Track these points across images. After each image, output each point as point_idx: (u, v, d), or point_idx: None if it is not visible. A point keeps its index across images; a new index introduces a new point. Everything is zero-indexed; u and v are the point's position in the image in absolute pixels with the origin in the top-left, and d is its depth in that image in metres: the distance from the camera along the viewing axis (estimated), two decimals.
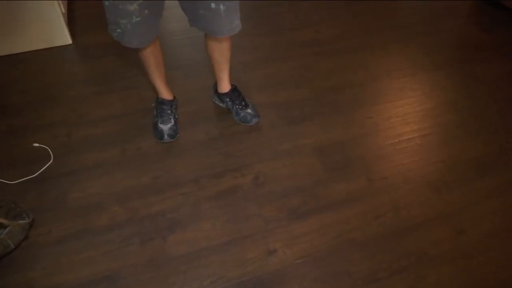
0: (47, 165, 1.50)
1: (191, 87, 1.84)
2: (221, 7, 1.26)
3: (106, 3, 1.22)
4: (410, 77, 1.96)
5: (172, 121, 1.61)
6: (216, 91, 1.71)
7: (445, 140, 1.67)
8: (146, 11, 1.24)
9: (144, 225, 1.35)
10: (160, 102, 1.62)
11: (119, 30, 1.28)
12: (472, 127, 1.72)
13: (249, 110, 1.67)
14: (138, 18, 1.23)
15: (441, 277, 1.26)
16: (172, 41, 2.11)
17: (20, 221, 1.27)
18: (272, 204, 1.42)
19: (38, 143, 1.57)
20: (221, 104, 1.74)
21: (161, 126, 1.59)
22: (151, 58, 1.45)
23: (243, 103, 1.67)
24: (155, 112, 1.64)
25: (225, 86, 1.66)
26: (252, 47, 2.07)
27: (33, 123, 1.67)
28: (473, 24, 2.35)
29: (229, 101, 1.67)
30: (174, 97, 1.66)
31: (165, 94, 1.62)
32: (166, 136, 1.58)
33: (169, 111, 1.61)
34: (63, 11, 2.03)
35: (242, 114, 1.66)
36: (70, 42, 2.06)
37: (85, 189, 1.44)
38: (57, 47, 2.04)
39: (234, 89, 1.68)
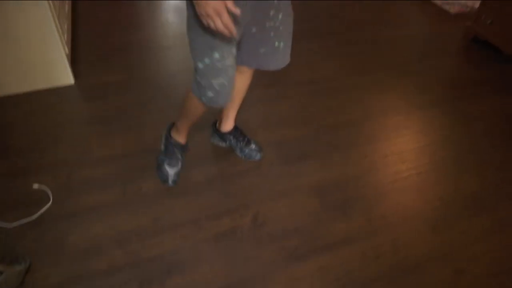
0: (46, 207, 1.50)
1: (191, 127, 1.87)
2: (281, 44, 1.30)
3: (200, 65, 1.15)
4: (404, 115, 2.00)
5: (180, 165, 1.61)
6: (216, 130, 1.74)
7: (442, 177, 1.69)
8: (234, 62, 1.20)
9: (143, 269, 1.33)
10: (174, 144, 1.60)
11: (211, 94, 1.21)
12: (468, 163, 1.75)
13: (252, 146, 1.71)
14: (233, 72, 1.20)
15: None
16: (177, 80, 2.16)
17: (16, 267, 1.26)
18: (271, 245, 1.42)
19: (38, 184, 1.58)
20: (221, 144, 1.76)
21: (167, 168, 1.59)
22: (201, 110, 1.40)
23: (246, 139, 1.71)
24: (163, 151, 1.63)
25: (230, 125, 1.69)
26: (249, 87, 2.13)
27: (33, 164, 1.68)
28: (464, 62, 2.43)
29: (233, 139, 1.70)
30: (187, 143, 1.66)
31: (184, 138, 1.61)
32: (170, 182, 1.58)
33: (179, 155, 1.62)
34: (67, 52, 2.10)
35: (247, 151, 1.70)
36: (73, 82, 2.12)
37: (84, 232, 1.44)
38: (59, 87, 2.09)
39: (236, 127, 1.72)
